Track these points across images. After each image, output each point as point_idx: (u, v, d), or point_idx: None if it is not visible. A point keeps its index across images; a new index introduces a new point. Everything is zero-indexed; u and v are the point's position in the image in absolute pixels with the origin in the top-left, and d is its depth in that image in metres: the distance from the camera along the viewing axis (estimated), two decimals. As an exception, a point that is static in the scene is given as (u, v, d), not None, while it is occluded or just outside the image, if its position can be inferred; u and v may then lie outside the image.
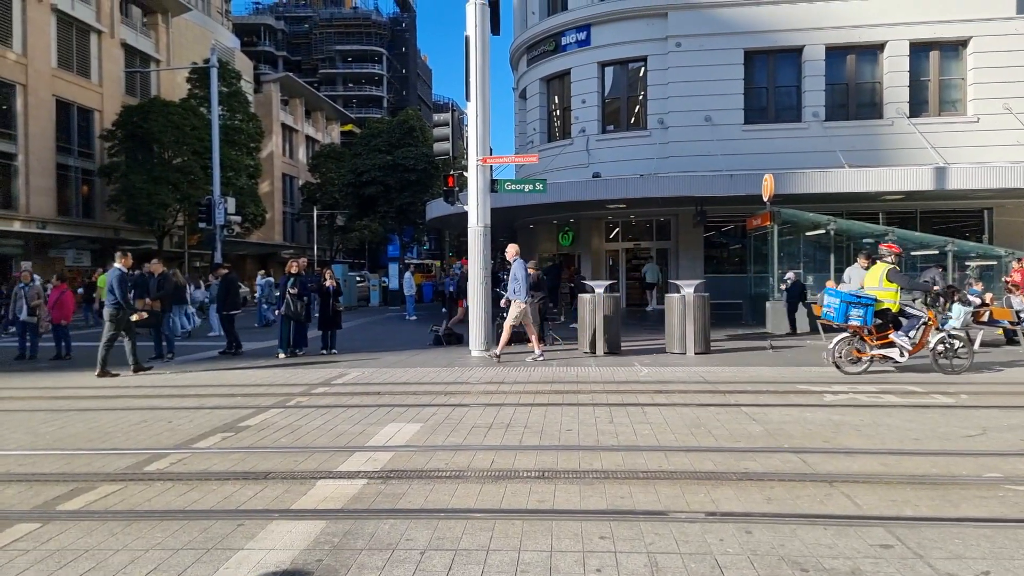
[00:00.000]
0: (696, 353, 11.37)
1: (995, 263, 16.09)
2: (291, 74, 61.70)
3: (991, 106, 19.13)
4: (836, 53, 20.40)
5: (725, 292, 19.23)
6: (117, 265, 10.01)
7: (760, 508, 4.16)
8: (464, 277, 13.82)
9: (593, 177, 20.45)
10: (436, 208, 24.44)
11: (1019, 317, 11.96)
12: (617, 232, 24.07)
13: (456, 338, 13.46)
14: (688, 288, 11.67)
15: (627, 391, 8.21)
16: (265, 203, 41.26)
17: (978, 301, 12.23)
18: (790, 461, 5.19)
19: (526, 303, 10.85)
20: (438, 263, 54.96)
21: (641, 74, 22.46)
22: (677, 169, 20.18)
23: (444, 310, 17.88)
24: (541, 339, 12.87)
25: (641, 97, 22.49)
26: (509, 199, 17.09)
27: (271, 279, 20.45)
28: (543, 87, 24.80)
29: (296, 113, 57.82)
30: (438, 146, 14.56)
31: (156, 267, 12.28)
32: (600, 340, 11.65)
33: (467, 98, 11.64)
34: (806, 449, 5.51)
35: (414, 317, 21.60)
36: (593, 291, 11.83)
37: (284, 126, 55.65)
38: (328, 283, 12.52)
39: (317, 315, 12.87)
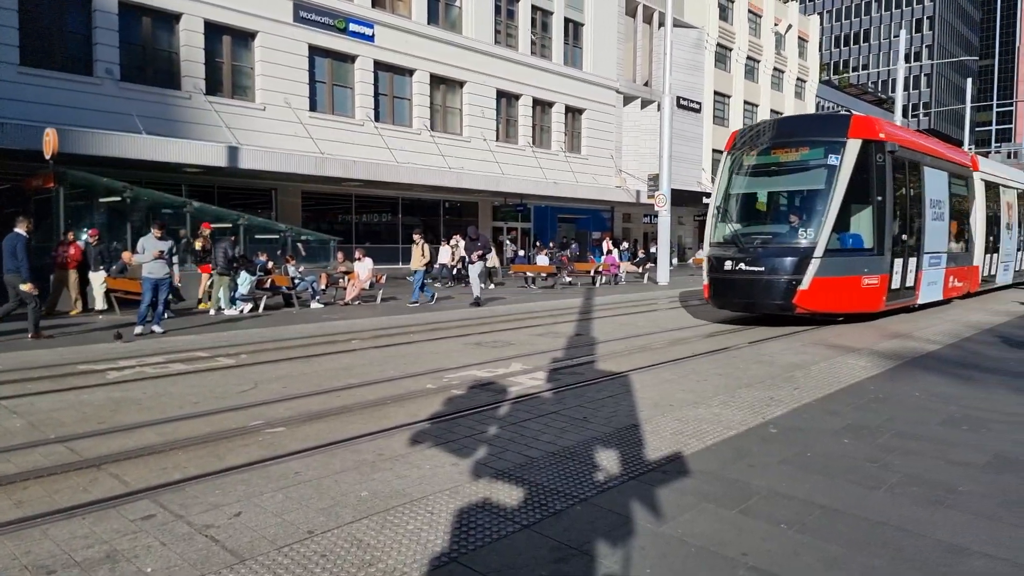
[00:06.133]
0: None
1: (278, 236, 18.54)
2: None
3: (275, 98, 21.75)
4: (132, 10, 19.23)
5: None
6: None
7: (5, 517, 3.47)
8: None
9: None
10: None
11: (294, 283, 14.08)
12: None
13: None
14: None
15: None
16: None
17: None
18: (55, 453, 4.57)
19: None
20: None
21: None
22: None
23: None
24: None
25: None
26: None
27: None
28: None
29: None
30: None
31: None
32: None
33: None
34: (77, 435, 4.96)
35: None
36: None
37: None
38: None
39: None
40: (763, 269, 10.28)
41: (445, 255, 21.84)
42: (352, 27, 23.36)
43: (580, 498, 3.64)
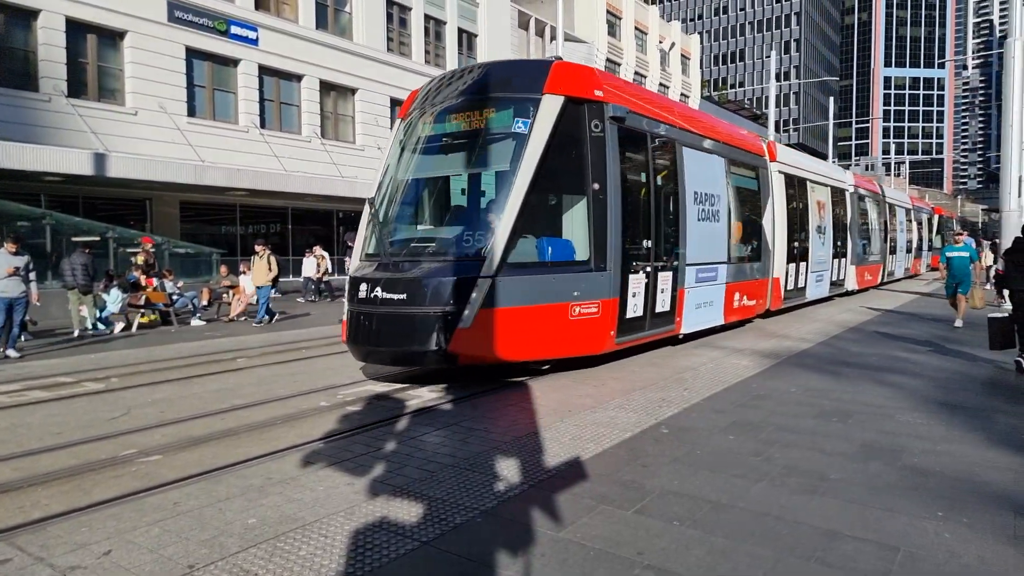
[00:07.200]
0: None
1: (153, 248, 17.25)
2: None
3: (149, 102, 20.30)
4: (-19, 5, 17.44)
5: None
6: None
7: None
8: None
9: None
10: None
11: (171, 299, 13.16)
12: None
13: None
14: None
15: None
16: None
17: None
18: None
19: None
20: None
21: None
22: None
23: None
24: None
25: None
26: None
27: None
28: None
29: None
30: None
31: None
32: None
33: None
34: (-90, 478, 4.35)
35: None
36: None
37: None
38: None
39: None
40: (404, 297, 6.55)
41: (310, 267, 20.72)
42: (234, 29, 22.29)
43: (481, 509, 3.60)
